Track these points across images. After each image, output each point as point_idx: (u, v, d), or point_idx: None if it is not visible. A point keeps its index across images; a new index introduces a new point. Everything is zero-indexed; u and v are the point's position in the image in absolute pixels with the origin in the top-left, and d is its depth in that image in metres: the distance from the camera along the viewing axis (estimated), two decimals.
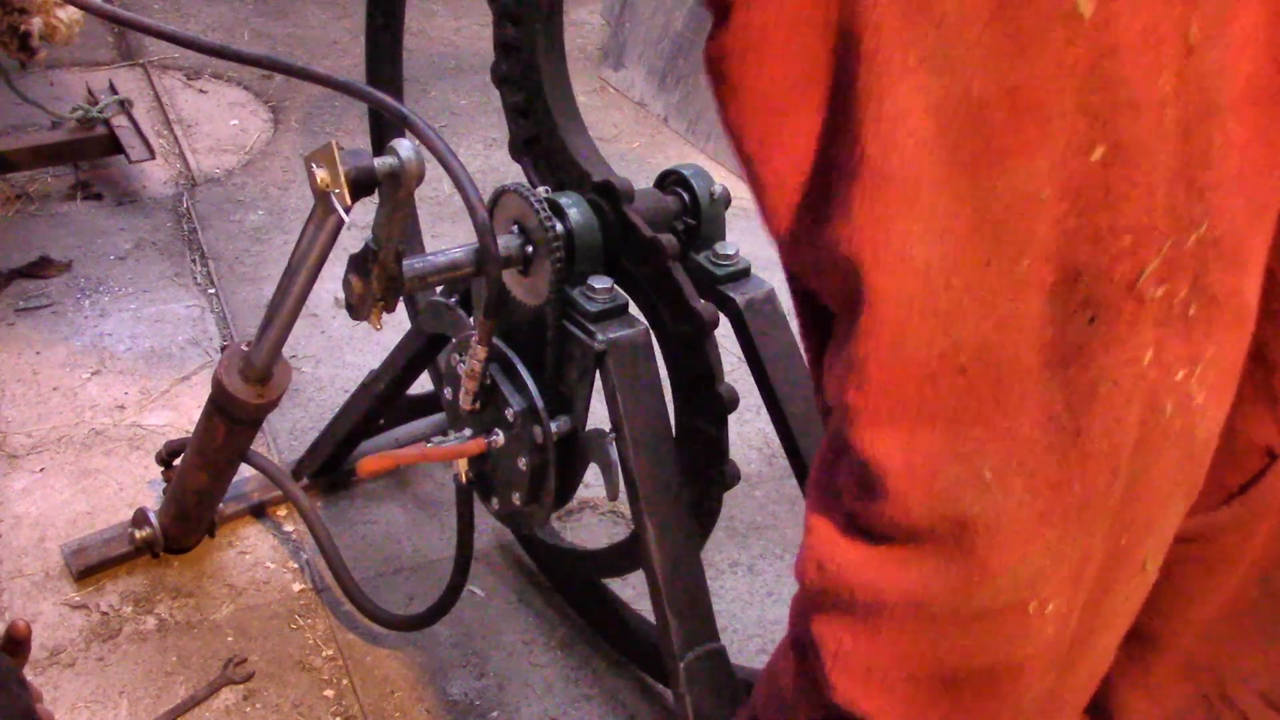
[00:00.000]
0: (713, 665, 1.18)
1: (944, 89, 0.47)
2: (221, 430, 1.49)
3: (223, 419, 1.47)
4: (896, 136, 0.48)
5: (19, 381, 2.04)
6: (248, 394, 1.42)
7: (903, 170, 0.48)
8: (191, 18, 3.50)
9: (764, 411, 1.34)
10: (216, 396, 1.44)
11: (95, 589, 1.67)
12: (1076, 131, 0.47)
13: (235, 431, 1.49)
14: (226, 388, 1.41)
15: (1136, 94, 0.47)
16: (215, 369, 1.44)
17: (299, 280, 1.27)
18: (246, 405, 1.43)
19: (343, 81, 1.17)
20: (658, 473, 1.18)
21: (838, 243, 0.51)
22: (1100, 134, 0.47)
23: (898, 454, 0.52)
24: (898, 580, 0.55)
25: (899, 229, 0.49)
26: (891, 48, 0.47)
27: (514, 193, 1.19)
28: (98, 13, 1.34)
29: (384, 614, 1.58)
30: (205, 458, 1.55)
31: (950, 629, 0.55)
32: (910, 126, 0.48)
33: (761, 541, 1.87)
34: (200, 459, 1.55)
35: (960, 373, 0.50)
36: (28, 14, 2.19)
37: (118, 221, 2.53)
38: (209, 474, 1.58)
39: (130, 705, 1.51)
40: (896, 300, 0.50)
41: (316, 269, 1.26)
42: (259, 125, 3.00)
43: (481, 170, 2.88)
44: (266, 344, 1.36)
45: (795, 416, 1.28)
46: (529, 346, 1.25)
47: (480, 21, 3.74)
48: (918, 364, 0.51)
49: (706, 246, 1.30)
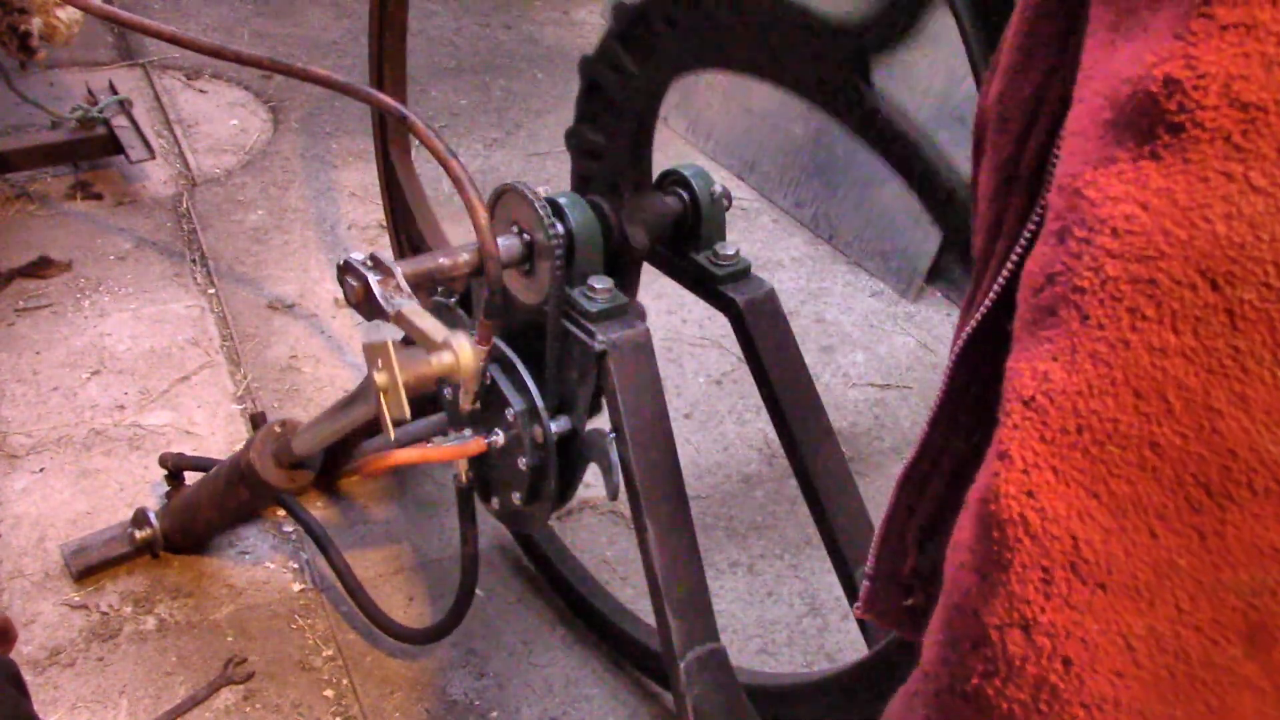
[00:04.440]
0: (713, 665, 1.18)
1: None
2: (244, 495, 1.51)
3: (247, 489, 1.48)
4: None
5: (19, 381, 2.04)
6: (280, 480, 1.44)
7: None
8: (191, 18, 3.50)
9: (764, 411, 1.34)
10: (245, 472, 1.45)
11: (95, 589, 1.67)
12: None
13: (257, 499, 1.52)
14: (259, 471, 1.42)
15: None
16: (247, 445, 1.45)
17: (353, 414, 1.31)
18: (276, 488, 1.44)
19: (343, 82, 1.17)
20: (658, 473, 1.18)
21: None
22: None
23: None
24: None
25: None
26: None
27: (514, 193, 1.19)
28: (98, 13, 1.34)
29: (399, 628, 1.58)
30: (221, 509, 1.57)
31: None
32: None
33: (761, 541, 1.87)
34: (215, 507, 1.57)
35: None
36: (28, 14, 2.19)
37: (118, 221, 2.53)
38: (221, 516, 1.60)
39: (130, 705, 1.51)
40: None
41: (366, 418, 1.30)
42: (259, 125, 3.00)
43: (481, 170, 2.88)
44: (311, 441, 1.37)
45: (795, 417, 1.28)
46: (529, 346, 1.25)
47: (480, 22, 3.74)
48: None
49: (706, 246, 1.30)
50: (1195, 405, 0.45)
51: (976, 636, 0.53)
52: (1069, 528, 0.49)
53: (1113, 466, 0.47)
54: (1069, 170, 0.48)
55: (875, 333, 2.44)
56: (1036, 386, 0.49)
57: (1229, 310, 0.43)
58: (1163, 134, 0.44)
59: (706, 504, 1.93)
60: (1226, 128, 0.42)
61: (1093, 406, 0.47)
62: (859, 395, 2.25)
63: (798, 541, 1.87)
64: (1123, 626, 0.49)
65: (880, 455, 2.10)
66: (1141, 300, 0.45)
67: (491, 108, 3.21)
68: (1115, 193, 0.45)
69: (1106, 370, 0.46)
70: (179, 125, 2.93)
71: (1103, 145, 0.46)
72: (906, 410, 2.22)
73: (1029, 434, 0.50)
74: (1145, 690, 0.50)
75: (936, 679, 0.56)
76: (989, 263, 0.63)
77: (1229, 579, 0.47)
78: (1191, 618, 0.48)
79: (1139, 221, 0.44)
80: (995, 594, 0.52)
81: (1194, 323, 0.44)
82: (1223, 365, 0.44)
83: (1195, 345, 0.44)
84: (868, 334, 2.44)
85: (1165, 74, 0.44)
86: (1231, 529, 0.46)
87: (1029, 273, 0.51)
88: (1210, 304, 0.43)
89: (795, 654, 1.68)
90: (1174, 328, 0.44)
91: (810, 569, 1.81)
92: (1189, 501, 0.46)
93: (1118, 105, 0.46)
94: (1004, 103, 0.60)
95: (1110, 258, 0.46)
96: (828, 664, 1.64)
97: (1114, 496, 0.48)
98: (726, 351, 2.27)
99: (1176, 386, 0.45)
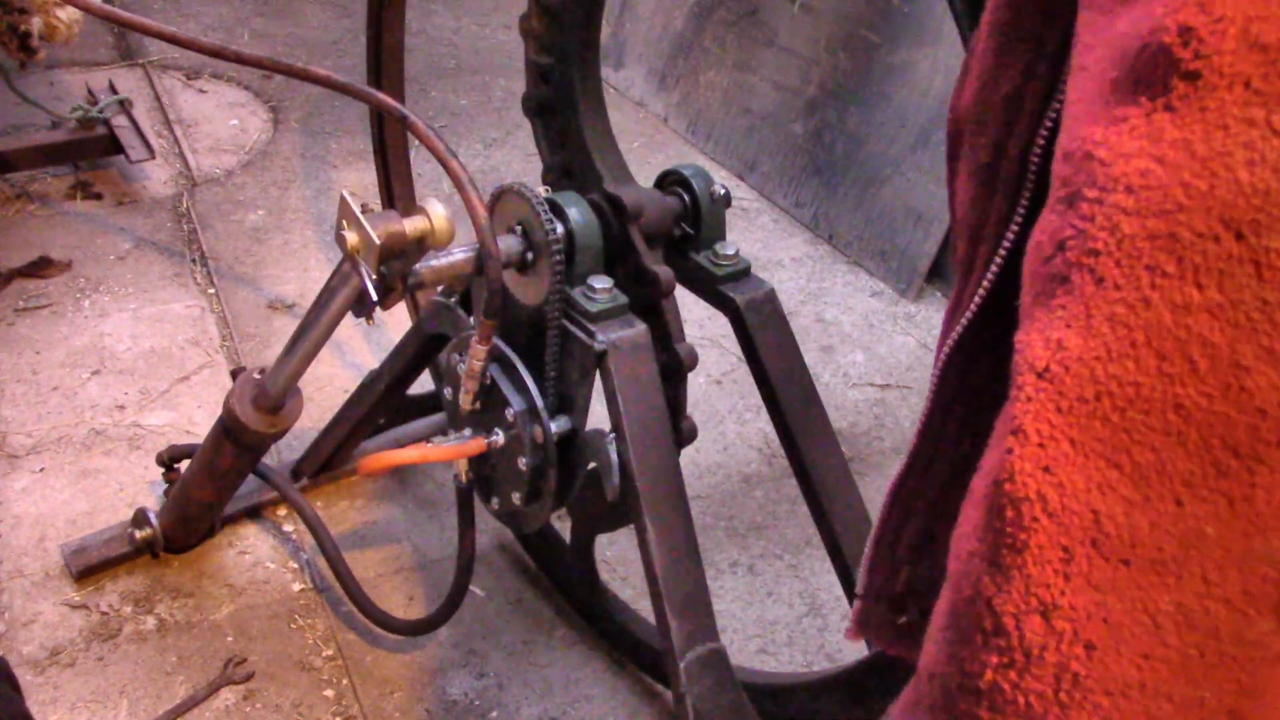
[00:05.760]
0: (713, 665, 1.18)
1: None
2: (230, 454, 1.49)
3: (232, 443, 1.47)
4: None
5: (19, 381, 2.04)
6: (260, 423, 1.42)
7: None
8: (191, 18, 3.50)
9: (764, 411, 1.34)
10: (228, 422, 1.44)
11: (95, 589, 1.67)
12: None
13: (243, 455, 1.50)
14: (239, 416, 1.41)
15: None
16: (227, 395, 1.44)
17: (321, 323, 1.28)
18: (257, 434, 1.43)
19: (343, 82, 1.17)
20: (658, 473, 1.18)
21: None
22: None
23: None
24: None
25: None
26: None
27: (514, 193, 1.19)
28: (98, 13, 1.34)
29: (389, 619, 1.58)
30: (211, 476, 1.55)
31: None
32: None
33: (761, 541, 1.87)
34: (206, 476, 1.56)
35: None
36: (28, 14, 2.19)
37: (118, 221, 2.53)
38: (214, 489, 1.59)
39: (130, 705, 1.51)
40: None
41: (338, 317, 1.27)
42: (259, 125, 3.00)
43: (481, 170, 2.88)
44: (284, 376, 1.37)
45: (795, 417, 1.28)
46: (529, 346, 1.25)
47: (480, 21, 3.74)
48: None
49: (706, 246, 1.30)
50: (1222, 363, 0.43)
51: (990, 628, 0.51)
52: (1089, 502, 0.47)
53: (1135, 434, 0.46)
54: (1075, 136, 0.47)
55: (875, 333, 2.44)
56: (1050, 356, 0.47)
57: (1255, 261, 0.42)
58: (1177, 84, 0.42)
59: (706, 504, 1.93)
60: (1246, 72, 0.41)
61: (1112, 371, 0.46)
62: (859, 395, 2.25)
63: (798, 541, 1.87)
64: (1149, 604, 0.47)
65: (880, 455, 2.10)
66: (1161, 256, 0.43)
67: (491, 108, 3.21)
68: (1128, 149, 0.44)
69: (1126, 332, 0.45)
70: (179, 125, 2.93)
71: (1111, 106, 0.45)
72: (906, 410, 2.22)
73: (1044, 406, 0.48)
74: (1173, 672, 0.48)
75: (945, 679, 0.54)
76: (972, 268, 0.61)
77: (1260, 547, 0.45)
78: (1221, 590, 0.46)
79: (1155, 176, 0.43)
80: (1010, 580, 0.50)
81: (1218, 276, 0.43)
82: (1250, 319, 0.43)
83: (1220, 300, 0.43)
84: (868, 334, 2.43)
85: (1179, 22, 0.43)
86: (1261, 492, 0.44)
87: (1036, 244, 0.49)
88: (1235, 255, 0.42)
89: (795, 654, 1.68)
90: (1197, 282, 0.43)
91: (810, 569, 1.81)
92: (1216, 466, 0.45)
93: (1126, 63, 0.45)
94: (980, 104, 0.59)
95: (1126, 215, 0.44)
96: (828, 664, 1.64)
97: (1137, 466, 0.46)
98: (726, 351, 2.27)
99: (1201, 344, 0.43)
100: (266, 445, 1.50)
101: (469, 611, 1.68)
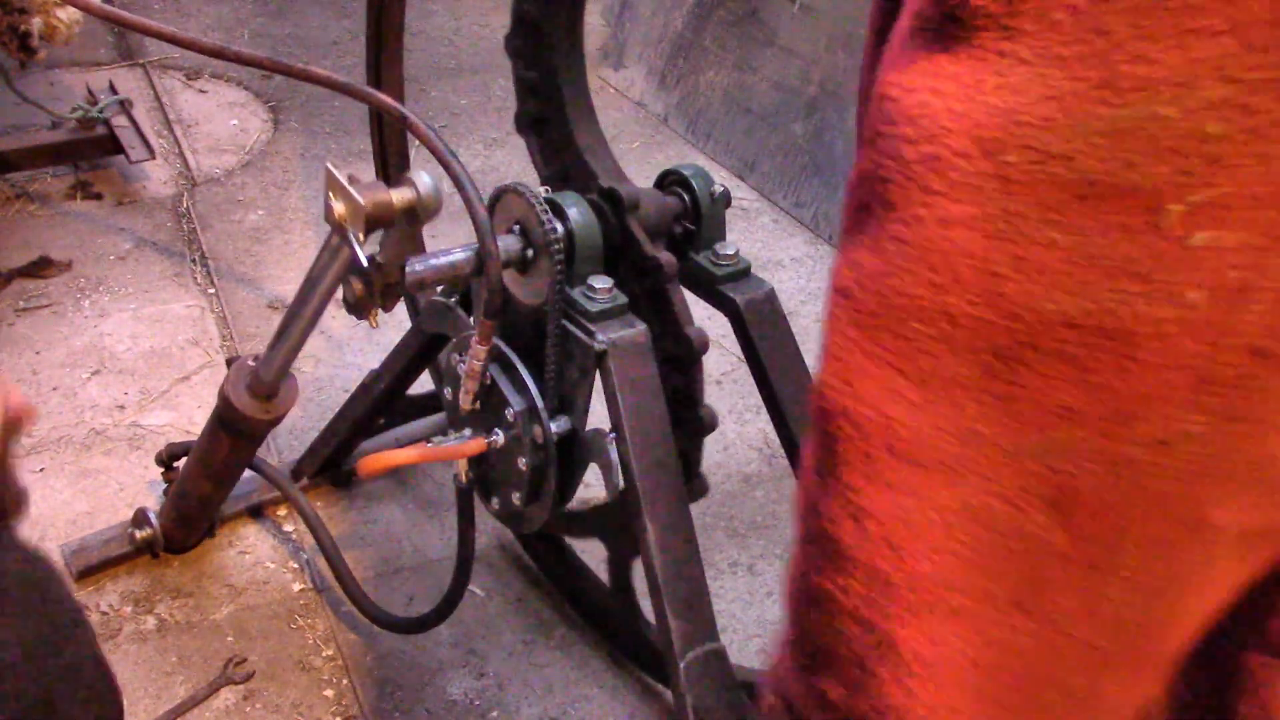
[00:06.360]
0: (713, 665, 1.18)
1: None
2: (226, 444, 1.49)
3: (228, 433, 1.46)
4: None
5: (19, 381, 2.04)
6: (255, 410, 1.41)
7: None
8: (191, 18, 3.50)
9: (764, 411, 1.34)
10: (222, 411, 1.43)
11: (95, 589, 1.67)
12: None
13: (240, 445, 1.50)
14: (233, 403, 1.41)
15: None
16: (222, 383, 1.43)
17: (312, 302, 1.27)
18: (253, 421, 1.42)
19: (343, 82, 1.17)
20: (658, 473, 1.18)
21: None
22: None
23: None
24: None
25: None
26: None
27: (514, 193, 1.19)
28: (98, 13, 1.34)
29: (386, 616, 1.58)
30: (209, 468, 1.55)
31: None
32: None
33: (761, 541, 1.87)
34: (203, 469, 1.56)
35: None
36: (28, 14, 2.19)
37: (118, 221, 2.53)
38: (212, 483, 1.58)
39: (130, 705, 1.51)
40: None
41: (329, 294, 1.26)
42: (259, 125, 3.00)
43: (481, 170, 2.88)
44: (276, 361, 1.36)
45: (795, 417, 1.29)
46: (529, 346, 1.25)
47: (480, 22, 3.74)
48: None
49: (706, 246, 1.30)
50: (980, 271, 0.47)
51: (817, 534, 0.56)
52: (883, 409, 0.51)
53: (916, 342, 0.49)
54: (880, 83, 0.51)
55: None
56: (850, 275, 0.52)
57: (1000, 175, 0.45)
58: (950, 28, 0.47)
59: (706, 504, 1.93)
60: (995, 12, 0.45)
61: (894, 285, 0.49)
62: None
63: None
64: (938, 502, 0.51)
65: None
66: (930, 177, 0.47)
67: (491, 108, 3.21)
68: (911, 84, 0.48)
69: (904, 248, 0.49)
70: (179, 125, 2.93)
71: (906, 52, 0.49)
72: None
73: (842, 322, 0.52)
74: (964, 566, 0.51)
75: (797, 590, 0.59)
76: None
77: (1028, 443, 0.48)
78: (997, 486, 0.49)
79: (930, 106, 0.47)
80: (829, 488, 0.54)
81: (972, 190, 0.46)
82: (999, 230, 0.46)
83: (975, 212, 0.46)
84: None
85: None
86: (1023, 391, 0.47)
87: (848, 184, 0.54)
88: (984, 171, 0.45)
89: None
90: (956, 198, 0.46)
91: None
92: (983, 368, 0.48)
93: (914, 12, 0.49)
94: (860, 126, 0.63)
95: (907, 143, 0.48)
96: None
97: (919, 371, 0.49)
98: (726, 351, 2.27)
99: (962, 254, 0.47)
100: (263, 433, 1.49)
101: (469, 611, 1.68)
